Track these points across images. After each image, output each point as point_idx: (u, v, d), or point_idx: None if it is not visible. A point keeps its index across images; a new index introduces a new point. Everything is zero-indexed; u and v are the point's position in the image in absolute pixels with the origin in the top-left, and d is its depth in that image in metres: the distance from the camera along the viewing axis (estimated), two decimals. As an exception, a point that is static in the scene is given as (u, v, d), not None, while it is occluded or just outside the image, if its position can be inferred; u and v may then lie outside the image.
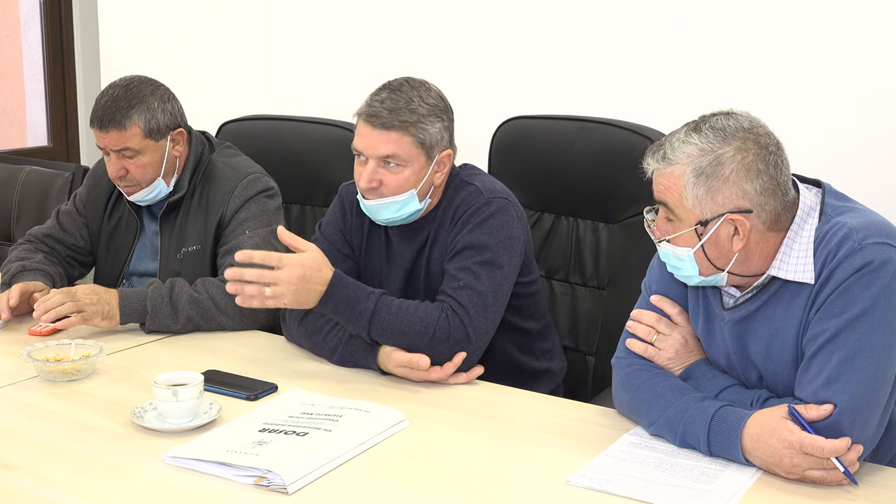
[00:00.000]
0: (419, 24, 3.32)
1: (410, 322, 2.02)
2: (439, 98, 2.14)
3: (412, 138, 2.07)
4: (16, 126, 5.32)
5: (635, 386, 1.78)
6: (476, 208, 2.12)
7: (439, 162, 2.13)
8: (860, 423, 1.56)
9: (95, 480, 1.60)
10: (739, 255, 1.66)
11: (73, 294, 2.25)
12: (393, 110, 2.06)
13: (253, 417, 1.82)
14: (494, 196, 2.14)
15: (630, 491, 1.55)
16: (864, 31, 2.60)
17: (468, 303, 2.04)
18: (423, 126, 2.07)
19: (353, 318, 2.03)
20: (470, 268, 2.07)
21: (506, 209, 2.13)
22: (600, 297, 2.48)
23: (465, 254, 2.09)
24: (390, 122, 2.05)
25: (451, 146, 2.16)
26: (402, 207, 2.12)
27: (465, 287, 2.06)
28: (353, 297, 2.03)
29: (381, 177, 2.09)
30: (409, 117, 2.06)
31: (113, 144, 2.41)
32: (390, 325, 2.02)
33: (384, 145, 2.06)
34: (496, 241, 2.09)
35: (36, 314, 2.25)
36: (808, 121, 2.68)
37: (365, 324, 2.03)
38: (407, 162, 2.08)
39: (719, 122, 1.65)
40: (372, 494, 1.57)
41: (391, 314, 2.03)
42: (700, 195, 1.63)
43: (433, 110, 2.10)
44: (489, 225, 2.10)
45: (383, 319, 2.02)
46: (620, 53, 2.96)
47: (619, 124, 2.44)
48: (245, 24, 3.76)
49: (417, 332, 2.01)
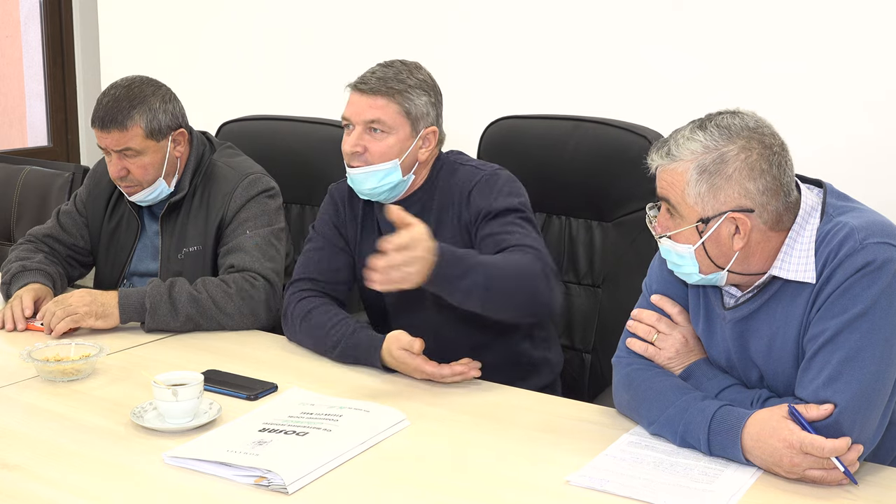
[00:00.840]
0: (413, 23, 3.33)
1: (518, 271, 1.98)
2: (429, 77, 2.23)
3: (398, 106, 2.14)
4: (16, 126, 5.32)
5: (635, 385, 1.78)
6: (486, 178, 2.19)
7: (424, 137, 2.18)
8: (860, 423, 1.56)
9: (95, 480, 1.60)
10: (740, 254, 1.66)
11: (63, 301, 2.27)
12: (382, 78, 2.16)
13: (253, 417, 1.82)
14: (496, 169, 2.22)
15: (630, 491, 1.55)
16: (868, 32, 2.60)
17: (536, 244, 2.07)
18: (410, 96, 2.15)
19: (463, 275, 1.89)
20: (514, 229, 2.10)
21: (512, 179, 2.22)
22: (595, 295, 2.48)
23: (501, 218, 2.13)
24: (377, 88, 2.14)
25: (437, 125, 2.21)
26: (384, 177, 2.15)
27: (517, 245, 2.05)
28: (459, 257, 1.90)
29: (365, 142, 2.15)
30: (397, 86, 2.14)
31: (114, 144, 2.41)
32: (506, 277, 1.95)
33: (370, 110, 2.14)
34: (521, 202, 2.17)
35: (45, 331, 2.27)
36: (809, 121, 2.68)
37: (480, 279, 1.90)
38: (391, 129, 2.14)
39: (725, 120, 1.65)
40: (372, 494, 1.57)
41: (498, 268, 1.95)
42: (702, 192, 1.63)
43: (421, 84, 2.18)
44: (508, 188, 2.17)
45: (496, 272, 1.95)
46: (614, 53, 2.97)
47: (613, 123, 2.45)
48: (245, 24, 3.76)
49: (528, 276, 1.98)
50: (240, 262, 2.40)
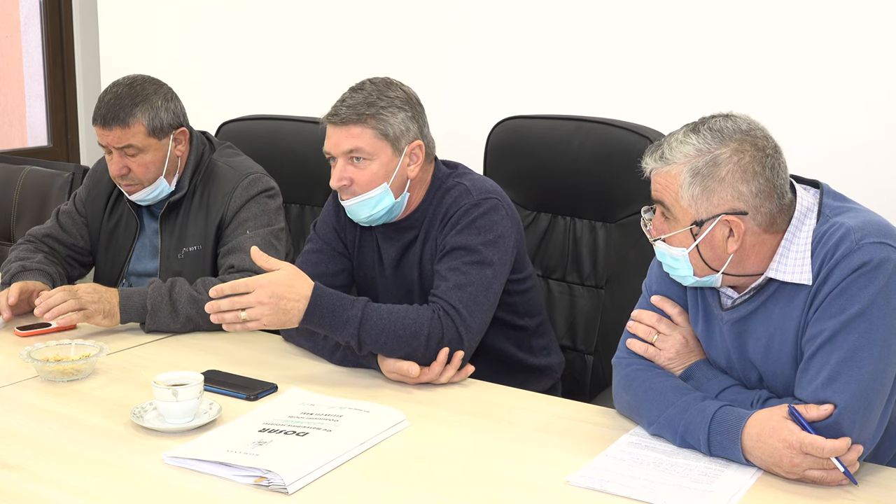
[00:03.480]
0: (417, 23, 3.32)
1: (404, 324, 2.00)
2: (401, 91, 2.16)
3: (373, 130, 2.10)
4: (16, 126, 5.32)
5: (635, 386, 1.78)
6: (465, 210, 2.12)
7: (410, 154, 2.14)
8: (860, 423, 1.56)
9: (95, 480, 1.60)
10: (734, 257, 1.66)
11: (74, 292, 2.25)
12: (351, 106, 2.11)
13: (253, 417, 1.82)
14: (484, 196, 2.14)
15: (630, 491, 1.55)
16: (863, 32, 2.59)
17: (459, 303, 2.04)
18: (383, 117, 2.10)
19: (341, 326, 1.99)
20: (459, 268, 2.07)
21: (495, 209, 2.13)
22: (598, 296, 2.48)
23: (454, 254, 2.09)
24: (348, 117, 2.10)
25: (421, 138, 2.16)
26: (377, 204, 2.13)
27: (455, 287, 2.05)
28: (339, 305, 1.99)
29: (350, 174, 2.11)
30: (367, 110, 2.10)
31: (116, 142, 2.41)
32: (382, 329, 1.99)
33: (347, 140, 2.10)
34: (484, 241, 2.09)
35: (37, 312, 2.25)
36: (808, 121, 2.68)
37: (354, 330, 1.99)
38: (372, 155, 2.10)
39: (718, 123, 1.66)
40: (372, 494, 1.57)
41: (381, 318, 2.00)
42: (696, 195, 1.63)
43: (393, 102, 2.12)
44: (478, 225, 2.10)
45: (374, 324, 1.99)
46: (617, 53, 2.96)
47: (617, 124, 2.45)
48: (245, 25, 3.76)
49: (411, 334, 1.99)
50: (240, 262, 2.40)
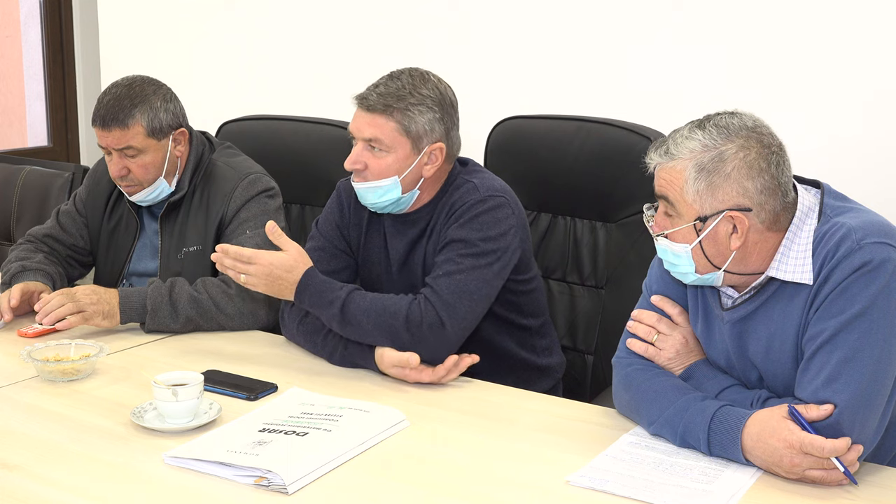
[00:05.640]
0: (417, 24, 3.33)
1: (384, 305, 2.03)
2: (436, 90, 2.13)
3: (396, 124, 2.09)
4: (16, 126, 5.32)
5: (635, 385, 1.78)
6: (470, 205, 2.12)
7: (430, 154, 2.12)
8: (860, 423, 1.56)
9: (95, 480, 1.60)
10: (737, 254, 1.66)
11: (72, 295, 2.25)
12: (382, 95, 2.10)
13: (253, 417, 1.82)
14: (490, 194, 2.13)
15: (630, 491, 1.55)
16: (864, 31, 2.60)
17: (445, 289, 2.04)
18: (410, 114, 2.09)
19: (327, 305, 2.06)
20: (453, 259, 2.08)
21: (500, 206, 2.12)
22: (598, 296, 2.48)
23: (451, 247, 2.10)
24: (375, 106, 2.09)
25: (445, 140, 2.14)
26: (384, 193, 2.13)
27: (443, 275, 2.06)
28: (327, 287, 2.08)
29: (365, 159, 2.11)
30: (396, 103, 2.08)
31: (115, 143, 2.41)
32: (364, 310, 2.03)
33: (368, 128, 2.10)
34: (484, 236, 2.09)
35: (38, 317, 2.25)
36: (808, 121, 2.68)
37: (336, 311, 2.04)
38: (390, 148, 2.10)
39: (723, 120, 1.66)
40: (372, 494, 1.57)
41: (364, 300, 2.05)
42: (701, 190, 1.63)
43: (424, 100, 2.10)
44: (480, 221, 2.10)
45: (357, 305, 2.04)
46: (618, 53, 2.96)
47: (617, 124, 2.44)
48: (244, 25, 3.76)
49: (390, 314, 2.01)
50: (240, 262, 2.40)
